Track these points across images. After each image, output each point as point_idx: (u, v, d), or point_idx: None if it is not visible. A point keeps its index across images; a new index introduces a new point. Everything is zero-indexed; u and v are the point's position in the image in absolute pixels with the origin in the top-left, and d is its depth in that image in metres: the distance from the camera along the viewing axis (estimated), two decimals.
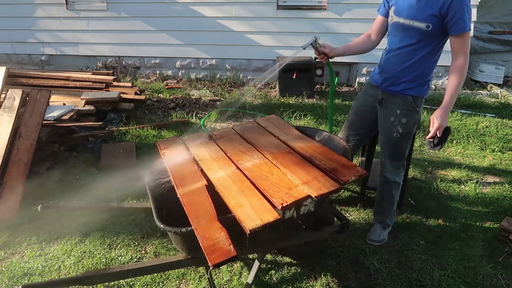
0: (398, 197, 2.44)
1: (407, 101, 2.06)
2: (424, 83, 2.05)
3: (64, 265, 2.27)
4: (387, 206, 2.40)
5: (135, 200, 2.93)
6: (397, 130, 2.11)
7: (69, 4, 6.06)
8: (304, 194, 1.58)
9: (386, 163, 2.28)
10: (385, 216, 2.43)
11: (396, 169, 2.28)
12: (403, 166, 2.32)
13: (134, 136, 3.95)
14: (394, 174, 2.29)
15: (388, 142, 2.21)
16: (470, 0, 1.80)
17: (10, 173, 2.84)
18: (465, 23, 1.79)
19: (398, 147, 2.20)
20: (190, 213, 1.56)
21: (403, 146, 2.20)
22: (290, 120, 4.45)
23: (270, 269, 2.22)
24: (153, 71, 6.36)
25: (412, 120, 2.10)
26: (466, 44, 1.85)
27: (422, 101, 2.11)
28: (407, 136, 2.16)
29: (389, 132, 2.16)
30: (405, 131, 2.11)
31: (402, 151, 2.23)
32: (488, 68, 6.00)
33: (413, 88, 2.04)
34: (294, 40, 5.65)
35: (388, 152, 2.25)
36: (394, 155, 2.24)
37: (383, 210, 2.42)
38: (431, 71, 2.05)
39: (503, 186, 3.08)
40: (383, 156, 2.29)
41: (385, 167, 2.30)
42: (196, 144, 2.13)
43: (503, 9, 6.27)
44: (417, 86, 2.04)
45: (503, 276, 2.18)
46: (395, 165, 2.27)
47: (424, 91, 2.07)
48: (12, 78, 4.66)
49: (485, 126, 4.27)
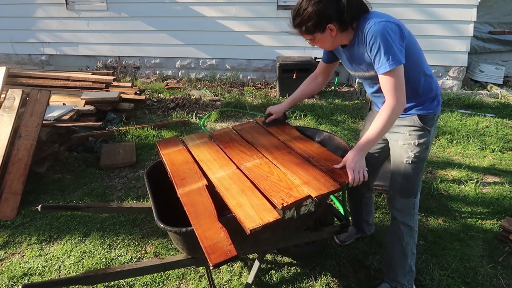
0: (415, 249, 1.98)
1: (414, 122, 1.79)
2: (430, 99, 1.78)
3: (64, 265, 2.27)
4: (398, 258, 1.97)
5: (135, 200, 2.93)
6: (408, 155, 1.82)
7: (69, 4, 6.06)
8: (304, 194, 1.58)
9: (396, 200, 1.93)
10: (397, 272, 1.99)
11: (409, 208, 1.91)
12: (416, 205, 1.92)
13: (134, 136, 3.95)
14: (405, 215, 1.92)
15: (398, 171, 1.88)
16: (397, 33, 1.56)
17: (10, 173, 2.84)
18: (385, 62, 1.54)
19: (410, 178, 1.86)
20: (190, 213, 1.56)
21: (416, 175, 1.86)
22: (290, 120, 4.45)
23: (270, 269, 2.22)
24: (153, 71, 6.37)
25: (425, 142, 1.81)
26: (391, 84, 1.58)
27: (434, 119, 1.81)
28: (420, 162, 1.84)
29: (399, 159, 1.86)
30: (417, 155, 1.82)
31: (415, 183, 1.87)
32: (488, 68, 6.00)
33: (418, 107, 1.78)
34: (294, 40, 5.64)
35: (398, 186, 1.90)
36: (405, 189, 1.88)
37: (394, 263, 2.00)
38: (428, 85, 1.78)
39: (503, 186, 3.08)
40: (392, 190, 1.94)
41: (393, 203, 1.95)
42: (196, 144, 2.13)
43: (503, 9, 6.27)
44: (422, 104, 1.78)
45: (503, 276, 2.18)
46: (407, 203, 1.90)
47: (433, 107, 1.79)
48: (12, 78, 4.66)
49: (485, 126, 4.27)
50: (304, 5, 1.59)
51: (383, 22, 1.55)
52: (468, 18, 5.29)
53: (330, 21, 1.58)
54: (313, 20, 1.58)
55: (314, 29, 1.61)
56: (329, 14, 1.57)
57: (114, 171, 3.34)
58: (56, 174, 3.25)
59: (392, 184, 1.94)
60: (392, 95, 1.60)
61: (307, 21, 1.59)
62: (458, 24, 5.33)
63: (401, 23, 1.63)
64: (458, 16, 5.29)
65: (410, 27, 1.79)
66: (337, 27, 1.60)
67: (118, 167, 3.38)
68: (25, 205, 2.81)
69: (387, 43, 1.54)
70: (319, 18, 1.57)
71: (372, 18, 1.58)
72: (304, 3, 1.59)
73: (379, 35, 1.54)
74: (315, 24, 1.59)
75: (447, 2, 5.24)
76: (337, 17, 1.57)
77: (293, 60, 5.35)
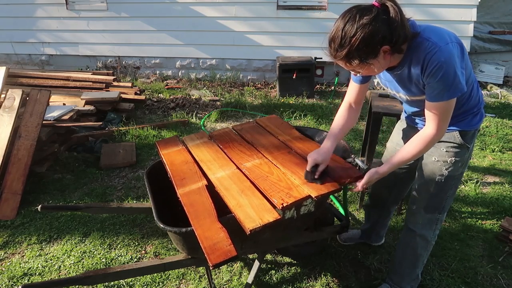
0: (426, 259, 1.90)
1: (454, 138, 1.61)
2: (473, 114, 1.60)
3: (64, 265, 2.27)
4: (407, 267, 1.90)
5: (135, 200, 2.93)
6: (441, 172, 1.65)
7: (69, 4, 6.06)
8: (304, 194, 1.58)
9: (418, 215, 1.77)
10: (403, 279, 1.94)
11: (431, 223, 1.77)
12: (441, 221, 1.78)
13: (134, 136, 3.95)
14: (425, 229, 1.79)
15: (427, 188, 1.70)
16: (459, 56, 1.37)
17: (10, 173, 2.84)
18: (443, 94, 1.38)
19: (439, 195, 1.70)
20: (190, 213, 1.56)
21: (446, 193, 1.70)
22: (290, 120, 4.45)
23: (270, 269, 2.22)
24: (153, 71, 6.36)
25: (462, 159, 1.64)
26: (439, 113, 1.43)
27: (474, 135, 1.64)
28: (453, 180, 1.67)
29: (430, 176, 1.68)
30: (451, 173, 1.64)
31: (443, 200, 1.71)
32: (488, 68, 6.00)
33: (460, 122, 1.59)
34: (294, 40, 5.67)
35: (424, 203, 1.73)
36: (432, 205, 1.73)
37: (402, 271, 1.93)
38: (474, 99, 1.58)
39: (503, 186, 3.08)
40: (416, 205, 1.77)
41: (414, 219, 1.79)
42: (196, 144, 2.13)
43: (503, 9, 6.27)
44: (464, 119, 1.59)
45: (503, 276, 2.18)
46: (431, 218, 1.75)
47: (475, 123, 1.61)
48: (12, 78, 4.66)
49: (485, 126, 4.27)
50: (350, 31, 1.28)
51: (449, 46, 1.33)
52: (468, 18, 5.29)
53: (384, 42, 1.31)
54: (365, 47, 1.29)
55: (366, 56, 1.32)
56: (383, 36, 1.29)
57: (114, 171, 3.34)
58: (56, 174, 3.25)
59: (417, 199, 1.77)
60: (435, 124, 1.45)
61: (358, 50, 1.30)
62: (458, 24, 5.33)
63: (459, 38, 1.42)
64: (458, 16, 5.29)
65: None
66: (390, 48, 1.33)
67: (118, 167, 3.38)
68: (25, 205, 2.81)
69: (452, 74, 1.34)
70: (371, 42, 1.29)
71: (430, 39, 1.35)
72: (348, 28, 1.29)
73: (445, 65, 1.32)
74: (367, 51, 1.31)
75: (447, 2, 5.24)
76: (390, 37, 1.30)
77: (293, 60, 5.35)
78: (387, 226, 2.34)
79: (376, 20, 1.27)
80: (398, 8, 1.31)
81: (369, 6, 1.32)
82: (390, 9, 1.30)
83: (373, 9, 1.30)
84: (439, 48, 1.33)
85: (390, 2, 1.31)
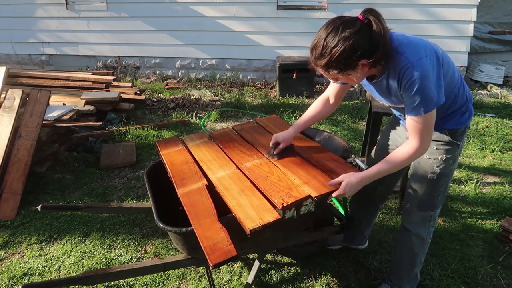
0: (424, 258, 1.93)
1: (443, 137, 1.66)
2: (461, 112, 1.64)
3: (64, 265, 2.27)
4: (405, 267, 1.93)
5: (135, 200, 2.93)
6: (433, 170, 1.68)
7: (69, 4, 6.06)
8: (304, 194, 1.58)
9: (412, 213, 1.81)
10: (402, 279, 1.96)
11: (425, 220, 1.80)
12: (434, 218, 1.81)
13: (134, 136, 3.95)
14: (419, 227, 1.82)
15: (420, 186, 1.74)
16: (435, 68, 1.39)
17: (10, 173, 2.84)
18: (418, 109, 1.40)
19: (431, 193, 1.73)
20: (190, 213, 1.56)
21: (437, 190, 1.73)
22: (290, 120, 4.45)
23: (270, 269, 2.22)
24: (153, 71, 6.37)
25: (453, 156, 1.68)
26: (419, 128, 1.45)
27: (464, 132, 1.68)
28: (445, 177, 1.71)
29: (422, 173, 1.72)
30: (443, 170, 1.68)
31: (435, 197, 1.75)
32: (488, 68, 6.00)
33: (449, 120, 1.63)
34: (294, 40, 5.67)
35: (417, 200, 1.76)
36: (424, 203, 1.76)
37: (401, 272, 1.96)
38: (461, 99, 1.62)
39: (503, 186, 3.08)
40: (409, 203, 1.81)
41: (409, 217, 1.83)
42: (196, 144, 2.13)
43: (503, 9, 6.27)
44: (453, 117, 1.64)
45: (503, 276, 2.18)
46: (424, 216, 1.79)
47: (464, 120, 1.65)
48: (12, 78, 4.66)
49: (485, 126, 4.27)
50: (331, 43, 1.32)
51: (422, 61, 1.36)
52: (468, 18, 5.28)
53: (363, 56, 1.34)
54: (344, 59, 1.33)
55: (344, 67, 1.37)
56: (363, 51, 1.32)
57: (114, 171, 3.34)
58: (56, 174, 3.25)
59: (410, 198, 1.80)
60: (417, 138, 1.47)
61: (337, 61, 1.34)
62: (458, 24, 5.33)
63: (436, 46, 1.46)
64: (458, 16, 5.29)
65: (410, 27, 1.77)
66: (369, 62, 1.37)
67: (118, 167, 3.38)
68: (25, 205, 2.81)
69: (426, 89, 1.36)
70: (350, 56, 1.32)
71: (404, 54, 1.38)
72: (329, 39, 1.32)
73: (418, 80, 1.35)
74: (346, 63, 1.35)
75: (447, 2, 5.24)
76: (370, 53, 1.34)
77: (293, 60, 5.35)
78: (371, 226, 2.29)
79: (358, 34, 1.31)
80: (381, 23, 1.33)
81: (354, 18, 1.35)
82: (373, 24, 1.33)
83: (357, 22, 1.33)
84: (411, 64, 1.36)
85: (373, 17, 1.33)
